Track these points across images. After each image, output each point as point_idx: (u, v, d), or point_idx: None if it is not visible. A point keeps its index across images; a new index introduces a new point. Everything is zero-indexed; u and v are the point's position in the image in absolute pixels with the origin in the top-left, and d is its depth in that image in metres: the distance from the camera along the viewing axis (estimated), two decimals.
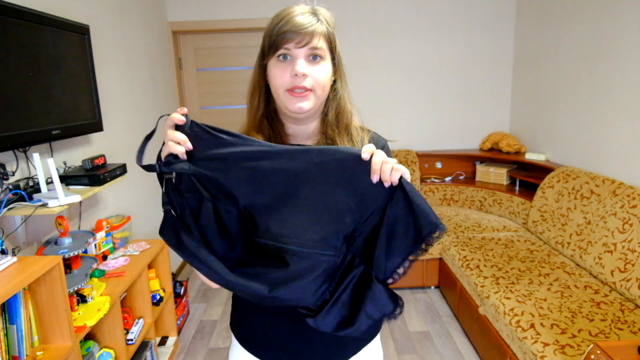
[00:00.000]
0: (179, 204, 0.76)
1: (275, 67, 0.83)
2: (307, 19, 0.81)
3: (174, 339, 2.36)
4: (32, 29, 1.55)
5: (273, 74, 0.84)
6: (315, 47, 0.82)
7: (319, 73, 0.83)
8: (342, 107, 0.91)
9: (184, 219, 0.76)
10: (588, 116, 2.63)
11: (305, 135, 0.92)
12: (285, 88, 0.83)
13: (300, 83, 0.82)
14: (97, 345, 1.74)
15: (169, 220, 0.77)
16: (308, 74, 0.82)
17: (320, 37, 0.82)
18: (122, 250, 2.11)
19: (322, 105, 0.89)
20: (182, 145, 0.71)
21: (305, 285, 0.74)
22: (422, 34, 3.49)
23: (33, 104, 1.55)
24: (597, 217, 2.26)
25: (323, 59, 0.84)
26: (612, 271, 2.06)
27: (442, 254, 2.85)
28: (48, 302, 1.38)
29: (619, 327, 1.74)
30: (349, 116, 0.92)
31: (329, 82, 0.87)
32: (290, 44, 0.81)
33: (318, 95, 0.85)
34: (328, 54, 0.85)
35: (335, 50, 0.87)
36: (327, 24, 0.85)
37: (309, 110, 0.85)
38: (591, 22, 2.57)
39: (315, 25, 0.81)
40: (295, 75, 0.81)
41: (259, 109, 0.90)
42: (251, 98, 0.91)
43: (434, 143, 3.68)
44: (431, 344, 2.40)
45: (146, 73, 2.84)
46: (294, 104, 0.83)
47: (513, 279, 2.18)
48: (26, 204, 1.48)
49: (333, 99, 0.90)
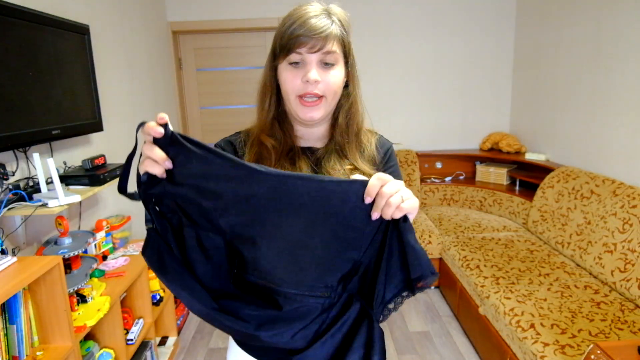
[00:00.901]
0: (161, 224, 0.69)
1: (287, 71, 0.82)
2: (322, 22, 0.78)
3: (174, 339, 2.36)
4: (32, 29, 1.55)
5: (284, 78, 0.82)
6: (329, 52, 0.79)
7: (331, 79, 0.81)
8: (353, 112, 0.89)
9: (167, 241, 0.69)
10: (588, 116, 2.63)
11: (315, 137, 0.91)
12: (296, 94, 0.81)
13: (312, 90, 0.80)
14: (97, 346, 1.73)
15: (152, 240, 0.69)
16: (320, 81, 0.80)
17: (334, 42, 0.80)
18: (122, 250, 2.11)
19: (332, 108, 0.87)
20: (160, 165, 0.64)
21: (296, 328, 0.69)
22: (422, 33, 3.49)
23: (33, 104, 1.55)
24: (597, 217, 2.26)
25: (336, 64, 0.82)
26: (612, 271, 2.06)
27: (442, 253, 2.85)
28: (48, 302, 1.38)
29: (619, 327, 1.74)
30: (360, 120, 0.91)
31: (341, 87, 0.85)
32: (302, 48, 0.78)
33: (329, 102, 0.84)
34: (341, 57, 0.83)
35: (349, 53, 0.85)
36: (341, 26, 0.82)
37: (320, 119, 0.84)
38: (592, 22, 2.57)
39: (329, 29, 0.79)
40: (306, 82, 0.79)
41: (270, 110, 0.88)
42: (262, 99, 0.89)
43: (434, 143, 3.67)
44: (431, 344, 2.40)
45: (146, 73, 2.84)
46: (305, 113, 0.82)
47: (513, 279, 2.18)
48: (26, 204, 1.48)
49: (345, 102, 0.89)
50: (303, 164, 0.86)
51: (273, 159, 0.85)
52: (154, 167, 0.64)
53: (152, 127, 0.62)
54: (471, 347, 2.35)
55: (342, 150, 0.88)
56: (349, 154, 0.88)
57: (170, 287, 0.69)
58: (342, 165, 0.86)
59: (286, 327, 0.68)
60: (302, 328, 0.69)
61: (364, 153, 0.90)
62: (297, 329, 0.69)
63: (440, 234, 2.92)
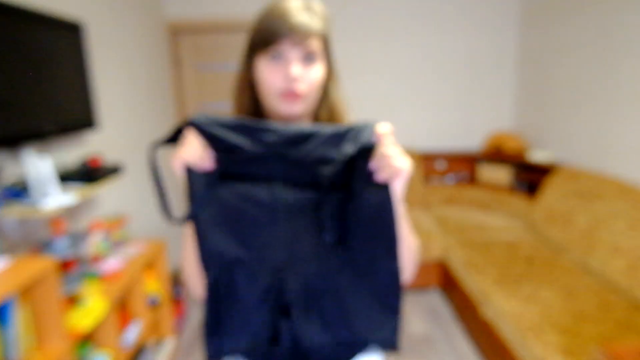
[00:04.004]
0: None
1: (266, 66, 0.80)
2: (303, 17, 0.77)
3: (172, 341, 2.33)
4: (24, 26, 1.52)
5: (264, 74, 0.80)
6: (310, 48, 0.78)
7: (312, 75, 0.80)
8: (334, 107, 0.88)
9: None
10: (595, 114, 2.60)
11: None
12: (276, 90, 0.80)
13: (293, 86, 0.79)
14: (94, 348, 1.71)
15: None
16: (301, 77, 0.79)
17: (315, 38, 0.79)
18: (119, 251, 2.07)
19: (312, 105, 0.86)
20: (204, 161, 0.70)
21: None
22: (424, 32, 3.46)
23: (27, 103, 1.52)
24: (602, 217, 2.23)
25: (317, 60, 0.81)
26: (618, 273, 2.03)
27: (444, 255, 2.82)
28: (43, 304, 1.35)
29: (625, 330, 1.71)
30: (343, 115, 0.89)
31: (322, 83, 0.85)
32: (284, 43, 0.77)
33: (309, 98, 0.82)
34: (322, 53, 0.82)
35: (329, 49, 0.84)
36: (323, 22, 0.81)
37: (299, 114, 0.83)
38: (599, 18, 2.54)
39: (311, 24, 0.78)
40: (288, 78, 0.78)
41: (246, 108, 0.87)
42: (238, 95, 0.88)
43: (435, 143, 3.65)
44: (433, 347, 2.37)
45: (143, 70, 2.81)
46: (284, 108, 0.81)
47: (516, 281, 2.15)
48: (20, 204, 1.45)
49: (325, 99, 0.88)
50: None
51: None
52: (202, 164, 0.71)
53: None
54: (473, 349, 2.33)
55: None
56: None
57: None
58: None
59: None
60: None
61: None
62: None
63: (441, 235, 2.89)
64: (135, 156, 2.58)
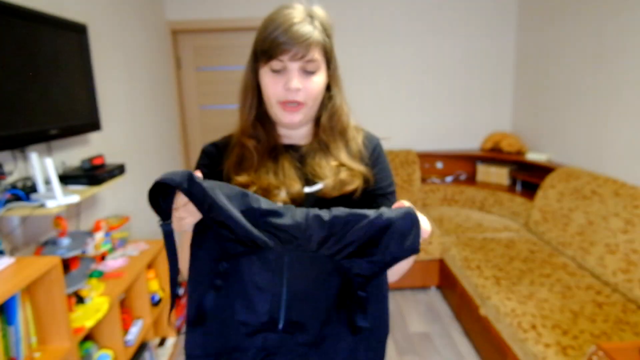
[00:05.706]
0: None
1: (268, 77, 0.82)
2: (304, 29, 0.78)
3: (173, 339, 2.35)
4: (29, 27, 1.53)
5: (265, 83, 0.83)
6: (311, 60, 0.80)
7: (312, 86, 0.82)
8: (336, 113, 0.89)
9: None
10: (590, 116, 2.62)
11: (299, 136, 0.91)
12: (277, 100, 0.82)
13: (293, 97, 0.81)
14: (96, 346, 1.72)
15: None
16: (301, 89, 0.80)
17: (316, 49, 0.80)
18: (121, 250, 2.09)
19: (314, 112, 0.87)
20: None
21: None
22: (423, 33, 3.48)
23: (31, 104, 1.54)
24: (599, 217, 2.25)
25: (318, 71, 0.82)
26: (614, 272, 2.05)
27: (443, 254, 2.84)
28: (46, 303, 1.36)
29: (621, 329, 1.73)
30: (345, 120, 0.90)
31: (322, 92, 0.86)
32: (285, 55, 0.78)
33: (309, 107, 0.84)
34: (323, 63, 0.83)
35: (331, 57, 0.86)
36: (324, 31, 0.82)
37: (301, 122, 0.85)
38: (595, 20, 2.56)
39: (312, 36, 0.79)
40: (288, 89, 0.80)
41: (251, 111, 0.89)
42: (243, 100, 0.89)
43: (434, 143, 3.66)
44: (432, 345, 2.39)
45: (145, 72, 2.83)
46: (285, 118, 0.83)
47: (514, 280, 2.17)
48: (24, 204, 1.46)
49: (327, 104, 0.89)
50: (286, 161, 0.87)
51: (255, 159, 0.86)
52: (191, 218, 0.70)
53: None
54: (472, 348, 2.34)
55: (327, 148, 0.88)
56: (334, 150, 0.88)
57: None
58: (327, 162, 0.86)
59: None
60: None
61: (350, 150, 0.90)
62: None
63: (440, 235, 2.91)
64: (137, 157, 2.60)
